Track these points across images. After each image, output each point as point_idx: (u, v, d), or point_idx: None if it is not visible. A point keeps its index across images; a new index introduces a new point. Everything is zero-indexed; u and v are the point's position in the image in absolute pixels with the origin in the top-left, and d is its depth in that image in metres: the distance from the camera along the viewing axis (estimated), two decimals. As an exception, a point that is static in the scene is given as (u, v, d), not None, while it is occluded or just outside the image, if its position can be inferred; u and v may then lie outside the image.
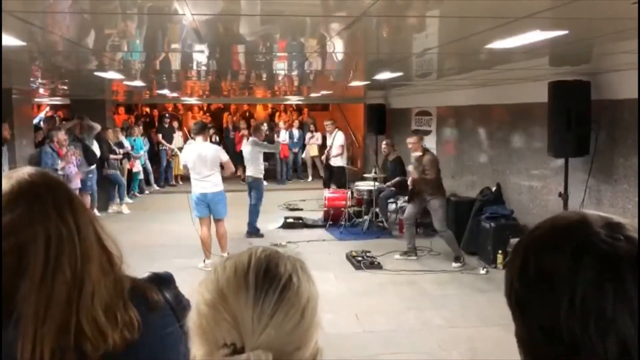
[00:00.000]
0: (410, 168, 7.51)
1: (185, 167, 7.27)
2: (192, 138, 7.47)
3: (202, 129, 7.17)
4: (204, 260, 7.12)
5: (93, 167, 10.06)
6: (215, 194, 7.07)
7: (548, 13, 2.75)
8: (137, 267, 1.25)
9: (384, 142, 10.04)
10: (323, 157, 12.50)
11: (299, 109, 18.46)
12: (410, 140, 7.55)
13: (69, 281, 1.07)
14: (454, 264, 7.28)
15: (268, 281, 0.85)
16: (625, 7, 2.52)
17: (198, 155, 6.97)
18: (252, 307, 0.82)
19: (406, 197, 8.15)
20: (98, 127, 10.36)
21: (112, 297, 1.12)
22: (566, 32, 3.32)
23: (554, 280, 0.76)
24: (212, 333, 0.84)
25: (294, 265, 0.90)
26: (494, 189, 8.03)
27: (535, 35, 3.40)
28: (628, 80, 5.41)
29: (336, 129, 12.10)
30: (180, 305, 1.21)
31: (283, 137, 15.15)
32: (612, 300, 0.72)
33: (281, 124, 15.60)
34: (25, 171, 1.17)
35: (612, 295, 0.72)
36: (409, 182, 7.59)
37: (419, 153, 7.46)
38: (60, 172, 8.43)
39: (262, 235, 8.84)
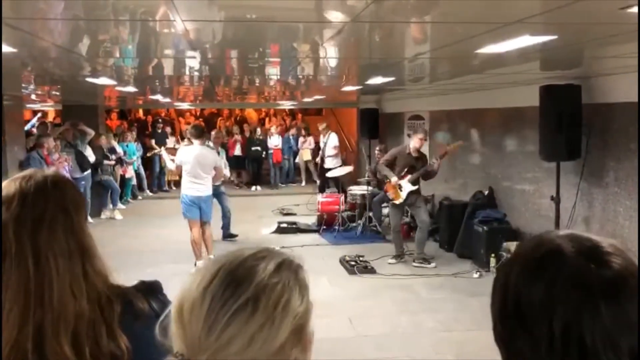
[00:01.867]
0: (434, 163, 7.64)
1: (178, 167, 7.31)
2: (189, 141, 7.54)
3: (200, 133, 7.24)
4: (195, 263, 7.13)
5: (86, 173, 10.02)
6: (208, 197, 7.23)
7: (537, 18, 2.78)
8: (129, 273, 1.25)
9: (377, 149, 10.06)
10: (317, 159, 12.53)
11: (292, 113, 18.47)
12: (420, 136, 7.60)
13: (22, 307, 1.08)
14: (391, 260, 7.60)
15: (227, 296, 0.80)
16: (614, 13, 2.54)
17: (196, 158, 7.04)
18: (203, 322, 0.79)
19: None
20: (92, 132, 10.33)
21: (89, 324, 1.11)
22: (555, 36, 3.34)
23: (531, 315, 0.75)
24: (175, 342, 0.83)
25: (271, 280, 0.83)
26: (486, 192, 8.06)
27: (525, 40, 3.42)
28: (618, 84, 5.46)
29: (329, 132, 12.14)
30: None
31: (276, 142, 15.18)
32: (589, 329, 0.71)
33: (273, 129, 15.60)
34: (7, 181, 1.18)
35: (588, 323, 0.72)
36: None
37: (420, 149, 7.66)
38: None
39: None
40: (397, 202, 7.50)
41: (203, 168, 7.07)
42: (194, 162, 7.03)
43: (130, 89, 8.33)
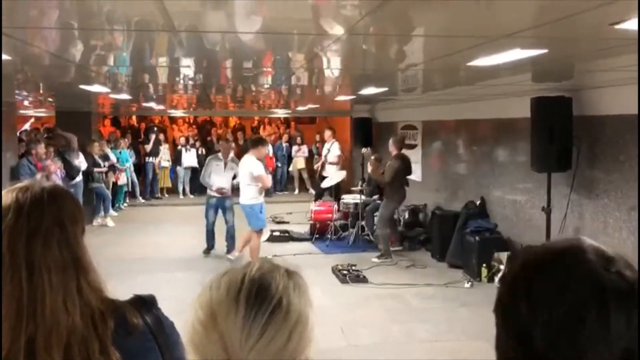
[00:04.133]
0: (369, 163, 8.45)
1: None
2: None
3: (254, 144, 7.62)
4: (232, 252, 7.84)
5: (76, 180, 9.96)
6: (244, 206, 7.47)
7: (528, 33, 2.82)
8: (120, 281, 1.25)
9: (372, 157, 10.08)
10: (317, 166, 12.51)
11: (286, 121, 18.51)
12: (390, 140, 8.40)
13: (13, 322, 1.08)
14: (374, 259, 8.11)
15: (258, 303, 0.88)
16: (603, 28, 2.58)
17: (241, 168, 7.59)
18: (241, 328, 0.85)
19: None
20: (73, 137, 10.15)
21: (81, 339, 1.12)
22: (546, 50, 3.39)
23: (538, 298, 0.79)
24: (203, 350, 0.87)
25: (287, 284, 0.92)
26: (478, 202, 8.10)
27: (516, 54, 3.46)
28: (609, 96, 5.52)
29: (334, 140, 12.18)
30: (160, 329, 1.21)
31: (268, 149, 15.19)
32: (589, 329, 0.74)
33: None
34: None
35: (590, 324, 0.75)
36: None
37: (394, 153, 8.29)
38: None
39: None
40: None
41: (244, 177, 7.46)
42: (240, 172, 7.58)
43: (124, 96, 8.33)
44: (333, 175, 10.68)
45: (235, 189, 7.96)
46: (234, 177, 8.06)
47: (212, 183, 8.13)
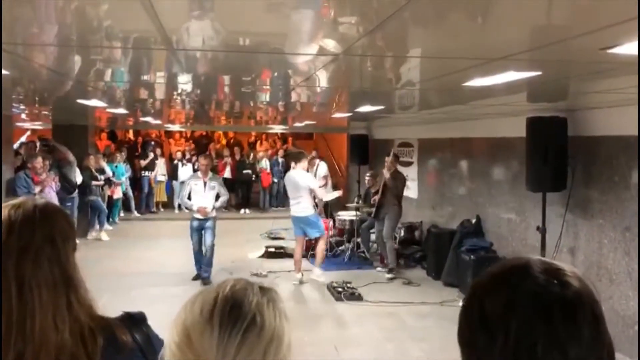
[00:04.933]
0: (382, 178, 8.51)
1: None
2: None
3: (296, 157, 8.21)
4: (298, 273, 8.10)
5: (72, 195, 9.92)
6: (304, 218, 7.99)
7: (522, 55, 2.85)
8: (113, 296, 1.25)
9: (368, 175, 10.10)
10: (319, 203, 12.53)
11: (284, 137, 18.56)
12: (386, 160, 8.54)
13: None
14: (387, 275, 8.20)
15: (232, 322, 0.87)
16: (594, 53, 2.62)
17: (290, 181, 8.03)
18: (216, 348, 0.85)
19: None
20: (68, 151, 10.06)
21: (70, 357, 1.11)
22: (539, 73, 3.42)
23: (491, 321, 0.82)
24: None
25: (260, 300, 0.92)
26: (473, 221, 8.11)
27: (511, 75, 3.50)
28: (604, 117, 5.57)
29: (318, 162, 12.15)
30: (150, 347, 1.22)
31: (263, 165, 15.25)
32: (542, 342, 0.77)
33: (260, 154, 15.67)
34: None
35: (542, 336, 0.77)
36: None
37: (392, 170, 8.45)
38: (37, 197, 8.31)
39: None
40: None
41: (296, 189, 7.94)
42: (290, 185, 8.06)
43: (121, 110, 8.35)
44: (324, 197, 10.62)
45: (216, 209, 7.86)
46: (217, 196, 7.81)
47: (191, 204, 7.73)
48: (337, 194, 9.74)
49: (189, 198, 7.76)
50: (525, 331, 0.78)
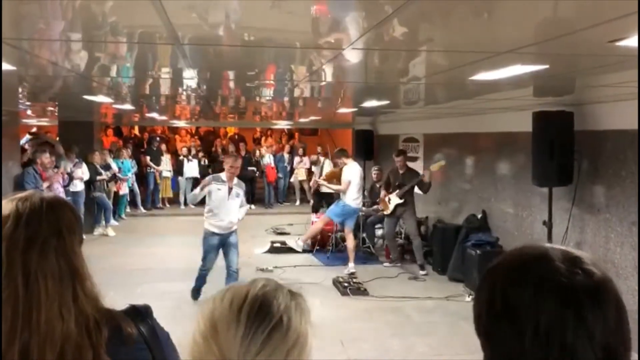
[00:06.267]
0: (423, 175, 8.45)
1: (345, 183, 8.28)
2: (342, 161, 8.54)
3: (345, 153, 8.52)
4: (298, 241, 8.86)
5: (78, 189, 9.97)
6: (354, 208, 8.38)
7: (528, 49, 2.84)
8: (119, 291, 1.26)
9: (374, 170, 10.10)
10: (312, 183, 12.52)
11: (290, 133, 18.56)
12: (398, 159, 8.50)
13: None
14: (421, 272, 8.13)
15: (259, 320, 0.89)
16: (602, 45, 2.60)
17: (355, 175, 8.25)
18: (240, 343, 0.87)
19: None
20: (54, 141, 10.11)
21: (75, 347, 1.12)
22: (546, 66, 3.41)
23: (519, 313, 0.83)
24: (203, 356, 0.88)
25: (289, 304, 0.94)
26: (479, 216, 8.09)
27: (517, 69, 3.48)
28: (610, 111, 5.54)
29: (323, 159, 12.12)
30: (155, 339, 1.22)
31: (267, 161, 15.25)
32: (572, 329, 0.79)
33: (264, 150, 15.67)
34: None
35: (572, 324, 0.80)
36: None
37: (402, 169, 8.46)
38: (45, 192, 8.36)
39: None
40: (386, 212, 8.56)
41: (357, 185, 8.27)
42: (359, 178, 8.30)
43: (127, 106, 8.37)
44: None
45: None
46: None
47: (220, 219, 6.19)
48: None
49: (203, 201, 6.45)
50: (555, 322, 0.80)
